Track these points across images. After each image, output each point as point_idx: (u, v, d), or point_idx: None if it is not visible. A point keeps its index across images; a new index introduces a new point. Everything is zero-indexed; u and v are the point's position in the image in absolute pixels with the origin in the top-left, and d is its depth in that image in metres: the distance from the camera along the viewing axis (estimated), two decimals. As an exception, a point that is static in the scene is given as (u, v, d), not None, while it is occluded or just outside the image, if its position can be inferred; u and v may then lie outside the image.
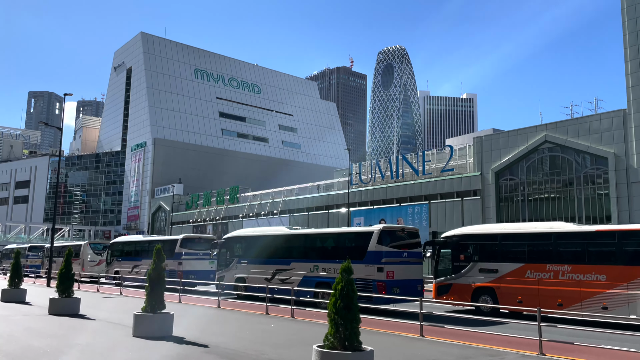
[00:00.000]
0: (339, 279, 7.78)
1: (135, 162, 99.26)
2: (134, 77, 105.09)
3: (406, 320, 14.48)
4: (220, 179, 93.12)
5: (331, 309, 7.39)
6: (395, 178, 51.29)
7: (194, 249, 27.88)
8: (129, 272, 31.03)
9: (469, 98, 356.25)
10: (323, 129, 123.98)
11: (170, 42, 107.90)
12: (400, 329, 13.44)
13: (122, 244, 33.63)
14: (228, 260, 23.65)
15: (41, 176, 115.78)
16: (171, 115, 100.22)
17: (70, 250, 15.33)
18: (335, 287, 7.78)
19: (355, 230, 19.64)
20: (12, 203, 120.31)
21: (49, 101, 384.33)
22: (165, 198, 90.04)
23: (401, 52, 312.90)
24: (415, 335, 12.29)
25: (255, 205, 69.25)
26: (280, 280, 20.77)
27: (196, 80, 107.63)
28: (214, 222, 75.63)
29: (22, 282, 18.99)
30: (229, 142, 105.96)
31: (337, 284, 7.71)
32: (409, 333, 12.73)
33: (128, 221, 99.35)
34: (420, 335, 12.17)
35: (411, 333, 12.65)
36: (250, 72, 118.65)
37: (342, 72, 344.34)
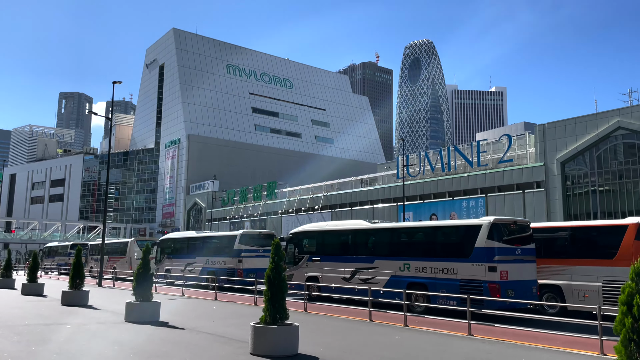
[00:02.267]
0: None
1: (169, 159, 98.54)
2: (167, 73, 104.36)
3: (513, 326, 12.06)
4: (254, 175, 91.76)
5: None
6: (447, 170, 48.72)
7: (254, 246, 25.94)
8: (182, 270, 29.30)
9: (498, 91, 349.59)
10: (356, 124, 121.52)
11: (202, 38, 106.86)
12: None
13: (173, 240, 31.92)
14: (297, 257, 21.61)
15: (76, 174, 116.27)
16: (204, 111, 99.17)
17: (147, 247, 13.50)
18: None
19: (459, 224, 17.24)
20: (47, 201, 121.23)
21: (79, 102, 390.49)
22: (200, 195, 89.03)
23: (428, 46, 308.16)
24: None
25: (294, 200, 67.39)
26: (361, 280, 18.60)
27: (228, 76, 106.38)
28: (252, 219, 74.10)
29: (84, 283, 17.27)
30: (262, 138, 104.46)
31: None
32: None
33: (163, 218, 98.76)
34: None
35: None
36: (281, 67, 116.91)
37: (367, 68, 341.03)
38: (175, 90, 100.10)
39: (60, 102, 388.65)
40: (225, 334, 11.39)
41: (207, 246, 28.57)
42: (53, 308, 16.26)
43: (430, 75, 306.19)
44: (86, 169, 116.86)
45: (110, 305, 17.48)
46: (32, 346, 9.64)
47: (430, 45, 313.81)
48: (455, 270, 15.59)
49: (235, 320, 14.26)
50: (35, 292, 20.99)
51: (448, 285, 15.68)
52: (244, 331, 11.71)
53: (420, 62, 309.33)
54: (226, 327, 12.66)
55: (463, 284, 15.28)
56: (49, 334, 11.23)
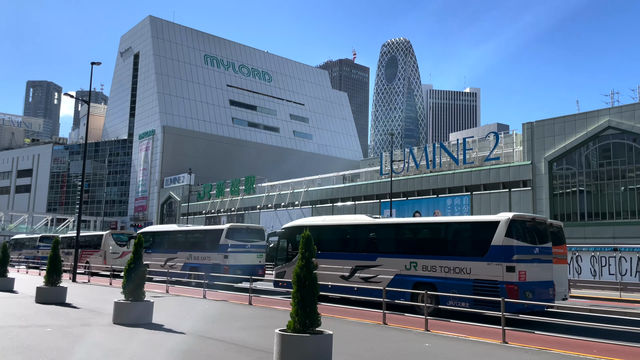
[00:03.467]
0: None
1: (143, 150, 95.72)
2: (142, 62, 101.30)
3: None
4: (231, 169, 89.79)
5: None
6: (432, 167, 48.10)
7: (241, 241, 24.56)
8: (162, 266, 27.72)
9: (472, 92, 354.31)
10: (335, 119, 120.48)
11: (179, 27, 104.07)
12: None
13: (153, 234, 30.20)
14: (290, 253, 20.36)
15: (44, 165, 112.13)
16: (180, 102, 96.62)
17: (140, 238, 12.10)
18: None
19: (474, 220, 16.20)
20: (13, 192, 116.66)
21: (47, 91, 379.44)
22: (175, 188, 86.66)
23: (405, 45, 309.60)
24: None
25: (274, 196, 65.96)
26: (362, 278, 17.50)
27: (206, 67, 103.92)
28: (229, 214, 72.36)
29: (62, 278, 15.67)
30: (240, 131, 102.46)
31: None
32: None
33: (135, 212, 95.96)
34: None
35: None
36: (260, 60, 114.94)
37: (344, 65, 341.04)
38: (150, 80, 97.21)
39: (27, 91, 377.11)
40: (236, 340, 10.05)
41: (190, 240, 27.08)
42: (27, 306, 14.65)
43: (407, 74, 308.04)
44: (55, 159, 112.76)
45: (91, 304, 15.95)
46: (8, 355, 8.18)
47: (407, 44, 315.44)
48: (468, 270, 14.61)
49: (239, 323, 12.94)
50: (4, 288, 19.23)
51: (460, 285, 14.70)
52: (256, 337, 10.47)
53: (397, 61, 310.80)
54: (232, 331, 11.33)
55: (477, 285, 14.32)
56: (27, 339, 9.71)
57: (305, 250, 7.46)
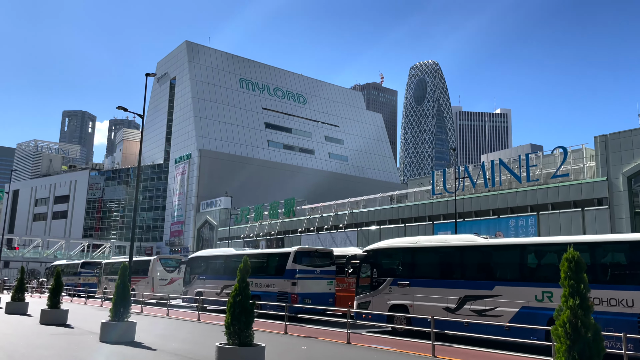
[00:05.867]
0: None
1: (179, 175, 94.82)
2: (178, 87, 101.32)
3: None
4: (266, 192, 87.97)
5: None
6: (491, 186, 44.95)
7: (310, 266, 22.00)
8: (217, 294, 25.30)
9: (503, 113, 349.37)
10: (370, 141, 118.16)
11: (215, 51, 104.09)
12: None
13: (206, 258, 27.88)
14: (376, 280, 17.68)
15: (81, 191, 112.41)
16: (217, 125, 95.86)
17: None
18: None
19: (629, 239, 13.26)
20: (50, 218, 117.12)
21: (82, 120, 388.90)
22: (211, 212, 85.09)
23: (434, 67, 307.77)
24: None
25: (315, 218, 63.45)
26: (474, 311, 14.65)
27: (241, 90, 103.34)
28: (268, 238, 70.10)
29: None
30: (275, 154, 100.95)
31: None
32: None
33: (171, 237, 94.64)
34: None
35: None
36: (295, 82, 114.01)
37: (372, 88, 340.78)
38: (187, 104, 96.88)
39: (63, 120, 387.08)
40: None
41: (250, 265, 24.59)
42: (92, 347, 12.30)
43: (436, 97, 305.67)
44: (90, 185, 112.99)
45: (169, 344, 13.47)
46: None
47: (436, 66, 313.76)
48: (629, 302, 11.68)
49: None
50: (58, 322, 17.03)
51: (619, 321, 11.75)
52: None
53: (426, 83, 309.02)
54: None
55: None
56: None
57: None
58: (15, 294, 20.76)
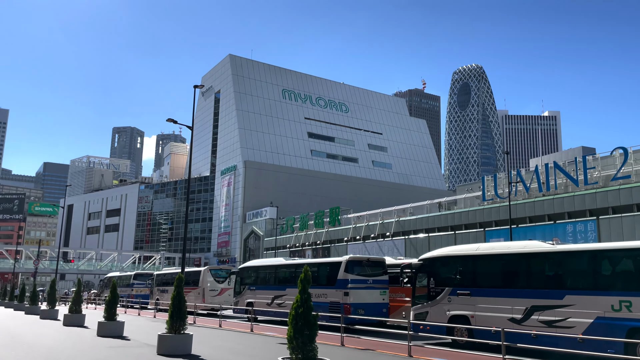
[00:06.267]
0: None
1: (225, 186, 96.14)
2: (223, 100, 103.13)
3: None
4: (310, 201, 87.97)
5: None
6: (545, 190, 43.16)
7: (363, 275, 21.44)
8: (268, 304, 25.06)
9: (552, 116, 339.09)
10: (414, 148, 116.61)
11: (257, 64, 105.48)
12: None
13: (256, 269, 27.73)
14: (433, 290, 16.95)
15: (131, 204, 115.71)
16: (260, 137, 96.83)
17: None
18: None
19: None
20: (103, 231, 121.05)
21: (131, 136, 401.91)
22: (257, 222, 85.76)
23: (478, 71, 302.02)
24: None
25: (362, 227, 62.77)
26: (543, 322, 13.73)
27: (284, 101, 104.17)
28: (314, 247, 69.85)
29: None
30: (319, 163, 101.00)
31: None
32: None
33: (218, 248, 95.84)
34: None
35: None
36: (337, 91, 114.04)
37: (414, 95, 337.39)
38: (231, 117, 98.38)
39: (113, 136, 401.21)
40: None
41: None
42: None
43: (480, 101, 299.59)
44: (140, 198, 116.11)
45: (225, 356, 13.20)
46: None
47: (480, 70, 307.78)
48: None
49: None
50: (114, 334, 17.14)
51: None
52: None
53: (470, 88, 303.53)
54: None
55: None
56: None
57: None
58: (72, 306, 21.15)
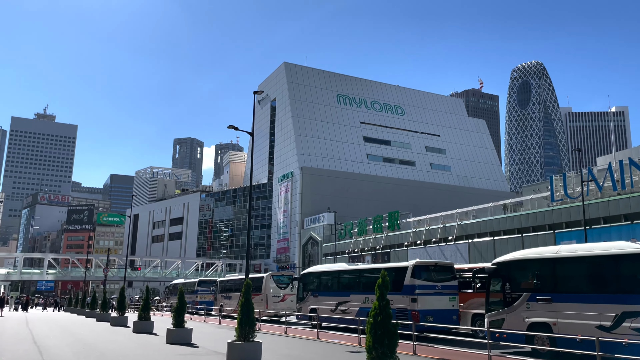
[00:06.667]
0: None
1: (283, 193, 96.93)
2: (279, 107, 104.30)
3: None
4: (368, 206, 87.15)
5: None
6: (620, 189, 40.50)
7: (430, 280, 20.62)
8: (332, 310, 24.63)
9: (619, 112, 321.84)
10: (474, 149, 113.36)
11: (311, 70, 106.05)
12: None
13: (319, 274, 27.42)
14: (510, 296, 15.93)
15: (193, 212, 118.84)
16: (316, 143, 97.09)
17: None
18: None
19: None
20: (167, 240, 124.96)
21: (191, 146, 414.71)
22: (315, 228, 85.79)
23: (538, 68, 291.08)
24: None
25: (422, 231, 61.31)
26: (636, 329, 12.53)
27: (339, 106, 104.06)
28: (373, 252, 68.90)
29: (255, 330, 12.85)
30: (375, 168, 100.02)
31: None
32: None
33: (278, 254, 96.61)
34: None
35: None
36: (392, 94, 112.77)
37: (471, 95, 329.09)
38: (287, 124, 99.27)
39: (175, 147, 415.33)
40: None
41: (365, 281, 23.71)
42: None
43: (542, 99, 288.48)
44: (201, 207, 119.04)
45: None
46: None
47: (540, 66, 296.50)
48: None
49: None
50: (182, 341, 17.23)
51: None
52: None
53: (530, 85, 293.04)
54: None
55: None
56: None
57: None
58: (141, 313, 21.53)
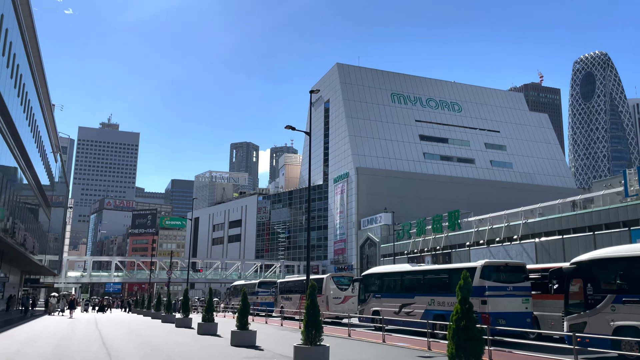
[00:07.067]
0: None
1: (338, 194, 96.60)
2: (332, 108, 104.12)
3: None
4: (426, 205, 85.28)
5: None
6: None
7: (501, 281, 19.53)
8: (395, 313, 23.90)
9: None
10: (536, 144, 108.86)
11: (364, 70, 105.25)
12: None
13: (381, 275, 26.74)
14: (591, 298, 14.72)
15: (251, 215, 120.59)
16: (371, 143, 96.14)
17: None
18: None
19: None
20: (226, 242, 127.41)
21: (247, 150, 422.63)
22: (372, 229, 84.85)
23: (602, 59, 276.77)
24: None
25: (485, 231, 59.20)
26: None
27: (393, 105, 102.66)
28: (433, 253, 67.26)
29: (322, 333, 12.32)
30: (432, 166, 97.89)
31: None
32: None
33: (335, 255, 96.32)
34: None
35: None
36: (448, 91, 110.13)
37: (530, 89, 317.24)
38: (341, 125, 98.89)
39: (231, 152, 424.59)
40: None
41: (431, 282, 22.83)
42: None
43: (607, 90, 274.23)
44: (258, 209, 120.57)
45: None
46: None
47: (605, 57, 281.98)
48: None
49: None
50: (247, 343, 17.10)
51: None
52: None
53: (594, 77, 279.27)
54: None
55: None
56: None
57: None
58: (205, 315, 21.62)
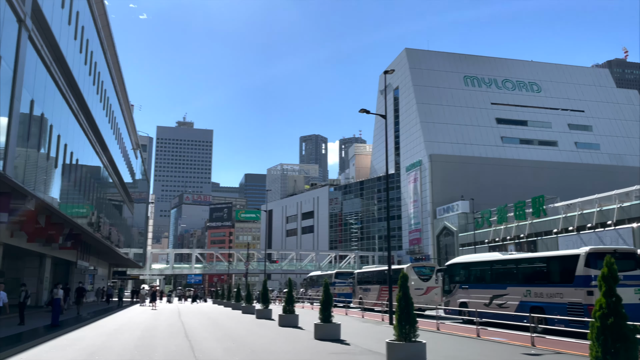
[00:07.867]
0: None
1: (411, 182, 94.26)
2: (402, 95, 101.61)
3: None
4: (506, 191, 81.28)
5: None
6: None
7: (610, 271, 17.47)
8: (486, 305, 22.24)
9: None
10: (626, 123, 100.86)
11: (435, 53, 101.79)
12: None
13: (467, 265, 25.09)
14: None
15: (323, 206, 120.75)
16: (444, 128, 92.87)
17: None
18: None
19: None
20: (300, 233, 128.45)
21: (316, 143, 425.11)
22: (449, 218, 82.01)
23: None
24: None
25: (574, 217, 55.29)
26: None
27: (466, 88, 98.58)
28: (517, 241, 63.84)
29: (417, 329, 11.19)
30: (511, 151, 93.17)
31: None
32: None
33: (410, 245, 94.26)
34: None
35: None
36: (525, 70, 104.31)
37: (614, 65, 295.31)
38: (412, 111, 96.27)
39: (301, 145, 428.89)
40: None
41: (525, 272, 21.00)
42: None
43: None
44: (330, 200, 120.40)
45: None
46: None
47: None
48: None
49: None
50: (331, 337, 16.31)
51: None
52: None
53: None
54: None
55: None
56: None
57: None
58: (286, 306, 21.12)
